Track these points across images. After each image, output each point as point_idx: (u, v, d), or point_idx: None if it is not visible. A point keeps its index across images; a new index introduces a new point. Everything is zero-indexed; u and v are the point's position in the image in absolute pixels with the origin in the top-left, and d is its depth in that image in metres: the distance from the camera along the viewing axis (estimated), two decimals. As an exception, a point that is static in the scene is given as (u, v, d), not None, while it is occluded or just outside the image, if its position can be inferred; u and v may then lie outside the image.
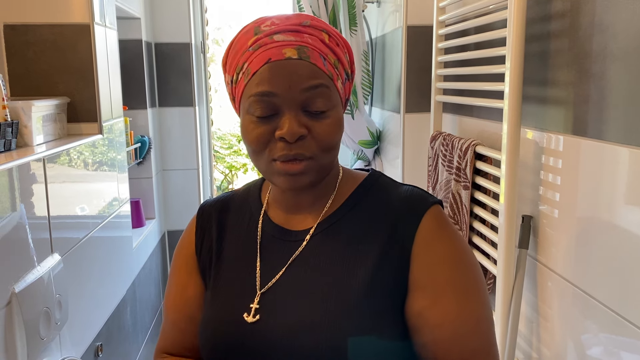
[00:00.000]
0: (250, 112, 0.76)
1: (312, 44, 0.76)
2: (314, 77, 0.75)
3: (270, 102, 0.74)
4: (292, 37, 0.75)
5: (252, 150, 0.78)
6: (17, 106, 1.42)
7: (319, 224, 0.82)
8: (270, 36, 0.76)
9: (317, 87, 0.75)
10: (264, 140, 0.76)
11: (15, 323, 1.13)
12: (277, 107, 0.75)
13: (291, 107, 0.74)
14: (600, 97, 1.03)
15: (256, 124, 0.76)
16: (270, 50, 0.75)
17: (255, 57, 0.75)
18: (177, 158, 2.89)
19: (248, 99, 0.76)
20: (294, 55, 0.74)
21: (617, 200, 0.99)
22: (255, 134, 0.76)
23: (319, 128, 0.75)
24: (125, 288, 2.06)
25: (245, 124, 0.78)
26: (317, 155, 0.76)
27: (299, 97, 0.74)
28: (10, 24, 1.68)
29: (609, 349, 1.03)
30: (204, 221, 0.90)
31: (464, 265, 0.78)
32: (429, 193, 0.83)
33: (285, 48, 0.74)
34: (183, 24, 2.76)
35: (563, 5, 1.16)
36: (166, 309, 0.91)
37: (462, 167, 1.53)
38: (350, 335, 0.73)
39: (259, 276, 0.81)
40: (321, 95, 0.75)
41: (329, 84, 0.76)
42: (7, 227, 1.13)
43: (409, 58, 2.04)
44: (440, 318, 0.74)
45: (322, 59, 0.76)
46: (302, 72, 0.74)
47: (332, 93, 0.77)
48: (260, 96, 0.74)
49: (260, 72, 0.74)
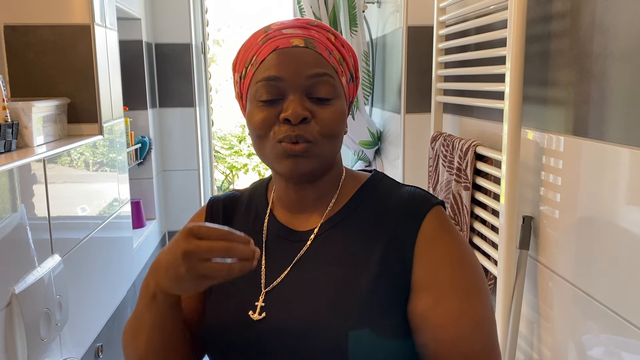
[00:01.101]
0: (257, 97, 0.78)
1: (318, 38, 0.79)
2: (319, 65, 0.77)
3: (276, 86, 0.76)
4: (299, 30, 0.79)
5: (257, 136, 0.79)
6: (18, 107, 1.42)
7: (322, 224, 0.83)
8: (279, 30, 0.79)
9: (322, 75, 0.77)
10: (268, 124, 0.77)
11: (15, 324, 1.13)
12: (283, 91, 0.77)
13: (296, 91, 0.76)
14: (601, 97, 1.03)
15: (261, 109, 0.78)
16: (278, 40, 0.78)
17: (264, 47, 0.78)
18: (178, 158, 2.89)
19: (255, 85, 0.78)
20: (300, 44, 0.77)
21: (618, 201, 0.99)
22: (260, 117, 0.77)
23: (323, 114, 0.77)
24: (126, 289, 2.06)
25: (251, 109, 0.79)
26: (318, 140, 0.77)
27: (304, 83, 0.76)
28: (11, 25, 1.68)
29: (610, 349, 1.03)
30: (213, 214, 0.91)
31: (466, 265, 0.78)
32: (431, 194, 0.84)
33: (292, 38, 0.78)
34: (183, 25, 2.76)
35: (563, 6, 1.16)
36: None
37: (462, 167, 1.53)
38: (353, 334, 0.73)
39: (264, 274, 0.82)
40: (326, 83, 0.77)
41: (333, 75, 0.79)
42: (8, 228, 1.13)
43: (410, 58, 2.04)
44: (442, 318, 0.74)
45: (328, 52, 0.79)
46: (308, 59, 0.77)
47: (336, 84, 0.79)
48: (267, 80, 0.77)
49: (268, 59, 0.77)
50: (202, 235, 0.65)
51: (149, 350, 0.79)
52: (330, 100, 0.78)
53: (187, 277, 0.66)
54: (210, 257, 0.64)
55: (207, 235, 0.65)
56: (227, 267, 0.64)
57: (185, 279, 0.66)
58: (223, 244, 0.64)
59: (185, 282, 0.67)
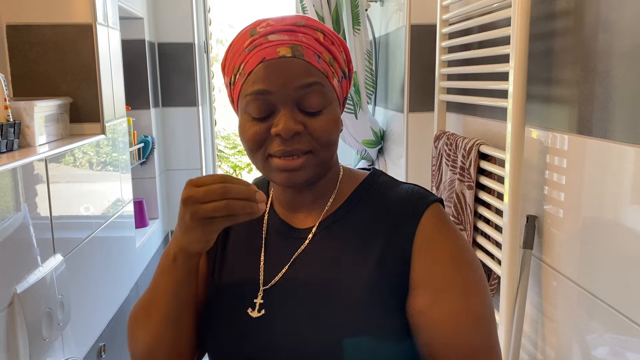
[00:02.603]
0: (247, 111, 0.77)
1: (306, 42, 0.77)
2: (308, 75, 0.75)
3: (266, 100, 0.75)
4: (286, 36, 0.77)
5: (249, 149, 0.79)
6: (20, 106, 1.42)
7: (320, 222, 0.83)
8: (265, 36, 0.77)
9: (311, 85, 0.75)
10: (260, 138, 0.77)
11: (17, 324, 1.13)
12: (273, 105, 0.76)
13: (286, 104, 0.75)
14: (606, 95, 1.02)
15: (252, 123, 0.77)
16: (264, 50, 0.76)
17: (250, 57, 0.77)
18: (181, 158, 2.89)
19: (244, 98, 0.77)
20: (287, 54, 0.75)
21: (623, 200, 0.98)
22: (252, 132, 0.77)
23: (315, 125, 0.76)
24: (129, 288, 2.06)
25: (242, 122, 0.79)
26: (316, 149, 0.76)
27: (294, 95, 0.75)
28: (13, 24, 1.68)
29: (615, 349, 1.02)
30: None
31: (464, 263, 0.78)
32: (429, 191, 0.83)
33: (279, 47, 0.76)
34: (186, 24, 2.76)
35: (567, 4, 1.15)
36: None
37: (466, 166, 1.52)
38: (352, 332, 0.73)
39: (262, 271, 0.82)
40: (316, 92, 0.76)
41: (323, 82, 0.77)
42: (10, 228, 1.13)
43: (413, 57, 2.03)
44: (440, 316, 0.74)
45: (317, 57, 0.77)
46: (296, 70, 0.75)
47: (327, 91, 0.77)
48: (256, 94, 0.75)
49: (255, 72, 0.76)
50: (201, 182, 0.68)
51: (161, 328, 0.78)
52: (321, 110, 0.76)
53: (193, 225, 0.69)
54: (209, 200, 0.66)
55: (205, 181, 0.68)
56: (225, 204, 0.66)
57: (192, 228, 0.69)
58: (219, 185, 0.67)
59: (193, 231, 0.70)
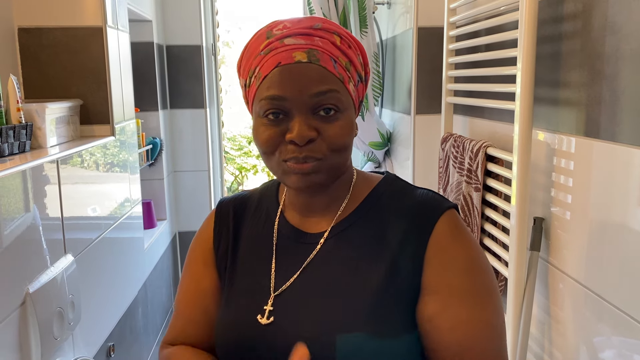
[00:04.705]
0: (261, 115, 0.77)
1: (322, 47, 0.76)
2: (323, 82, 0.75)
3: (281, 105, 0.75)
4: (302, 40, 0.76)
5: (263, 152, 0.79)
6: (31, 108, 1.44)
7: (333, 227, 0.82)
8: (281, 40, 0.76)
9: (327, 93, 0.75)
10: (274, 143, 0.76)
11: (29, 323, 1.14)
12: (287, 110, 0.75)
13: (301, 110, 0.75)
14: (613, 98, 1.03)
15: (267, 127, 0.76)
16: (280, 54, 0.75)
17: (266, 61, 0.76)
18: (188, 159, 2.91)
19: (259, 102, 0.77)
20: (303, 59, 0.74)
21: (630, 202, 0.99)
22: (266, 136, 0.76)
23: (330, 130, 0.75)
24: (137, 289, 2.08)
25: (257, 126, 0.78)
26: (327, 155, 0.76)
27: (309, 101, 0.74)
28: (25, 27, 1.70)
29: (622, 352, 1.02)
30: (222, 218, 0.91)
31: (477, 270, 0.77)
32: (444, 197, 0.82)
33: (295, 51, 0.75)
34: (194, 27, 2.78)
35: (575, 7, 1.16)
36: (179, 302, 0.90)
37: (473, 168, 1.53)
38: (363, 339, 0.73)
39: (273, 278, 0.82)
40: (331, 99, 0.75)
41: (339, 88, 0.76)
42: (21, 228, 1.15)
43: (420, 59, 2.03)
44: (450, 323, 0.74)
45: (333, 62, 0.76)
46: (311, 75, 0.74)
47: (342, 96, 0.76)
48: (271, 100, 0.75)
49: (270, 76, 0.75)
50: None
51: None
52: (336, 115, 0.76)
53: None
54: None
55: None
56: None
57: None
58: None
59: None
